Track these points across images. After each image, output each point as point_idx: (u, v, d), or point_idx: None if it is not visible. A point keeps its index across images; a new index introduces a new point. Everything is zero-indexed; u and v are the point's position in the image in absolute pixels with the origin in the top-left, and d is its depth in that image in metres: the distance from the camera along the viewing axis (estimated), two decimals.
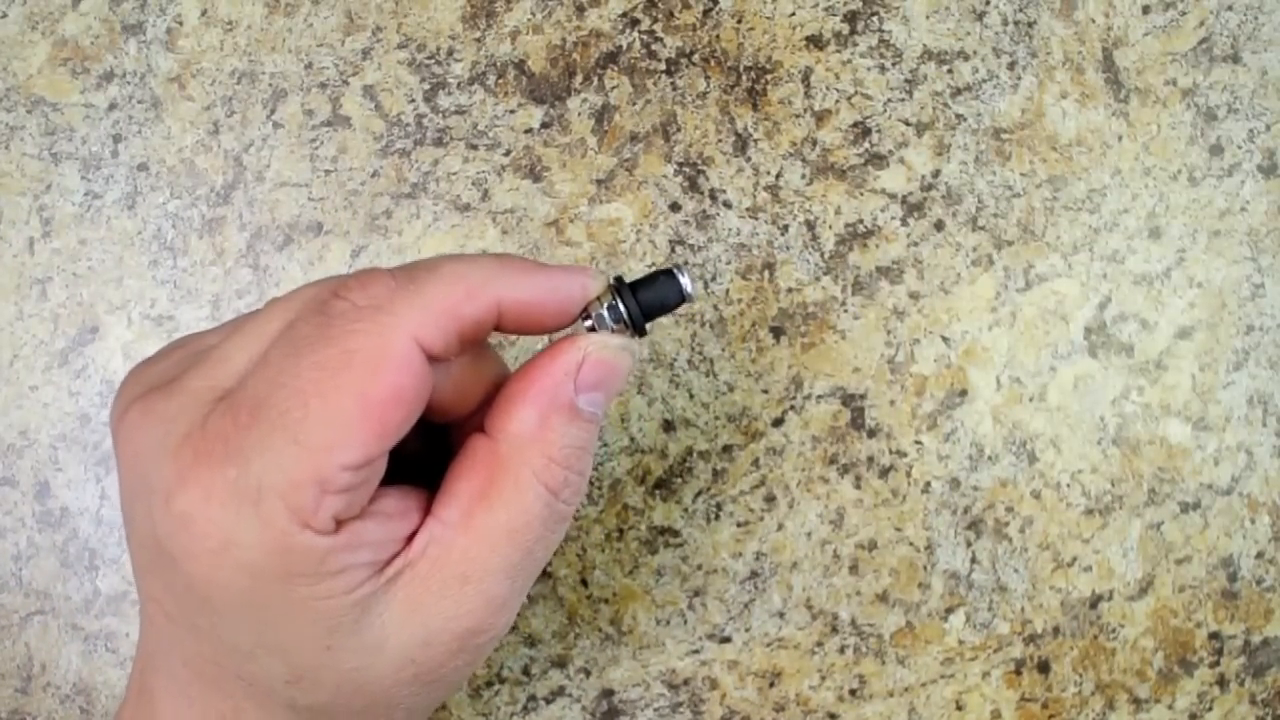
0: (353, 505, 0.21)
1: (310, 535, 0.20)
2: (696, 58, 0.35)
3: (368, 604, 0.21)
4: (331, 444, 0.20)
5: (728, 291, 0.34)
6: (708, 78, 0.35)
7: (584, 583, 0.34)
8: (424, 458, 0.25)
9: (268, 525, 0.20)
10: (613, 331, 0.24)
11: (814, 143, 0.34)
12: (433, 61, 0.35)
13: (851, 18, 0.35)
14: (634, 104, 0.35)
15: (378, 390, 0.20)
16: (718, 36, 0.35)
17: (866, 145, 0.34)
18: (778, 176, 0.34)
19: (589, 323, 0.24)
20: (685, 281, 0.24)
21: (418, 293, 0.21)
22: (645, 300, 0.24)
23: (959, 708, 0.34)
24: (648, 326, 0.25)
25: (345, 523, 0.21)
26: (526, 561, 0.22)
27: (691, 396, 0.34)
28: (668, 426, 0.34)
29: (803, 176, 0.34)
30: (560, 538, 0.23)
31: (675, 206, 0.34)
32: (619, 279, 0.24)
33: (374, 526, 0.21)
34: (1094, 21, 0.35)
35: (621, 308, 0.24)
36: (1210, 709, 0.33)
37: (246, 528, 0.20)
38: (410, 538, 0.22)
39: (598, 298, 0.24)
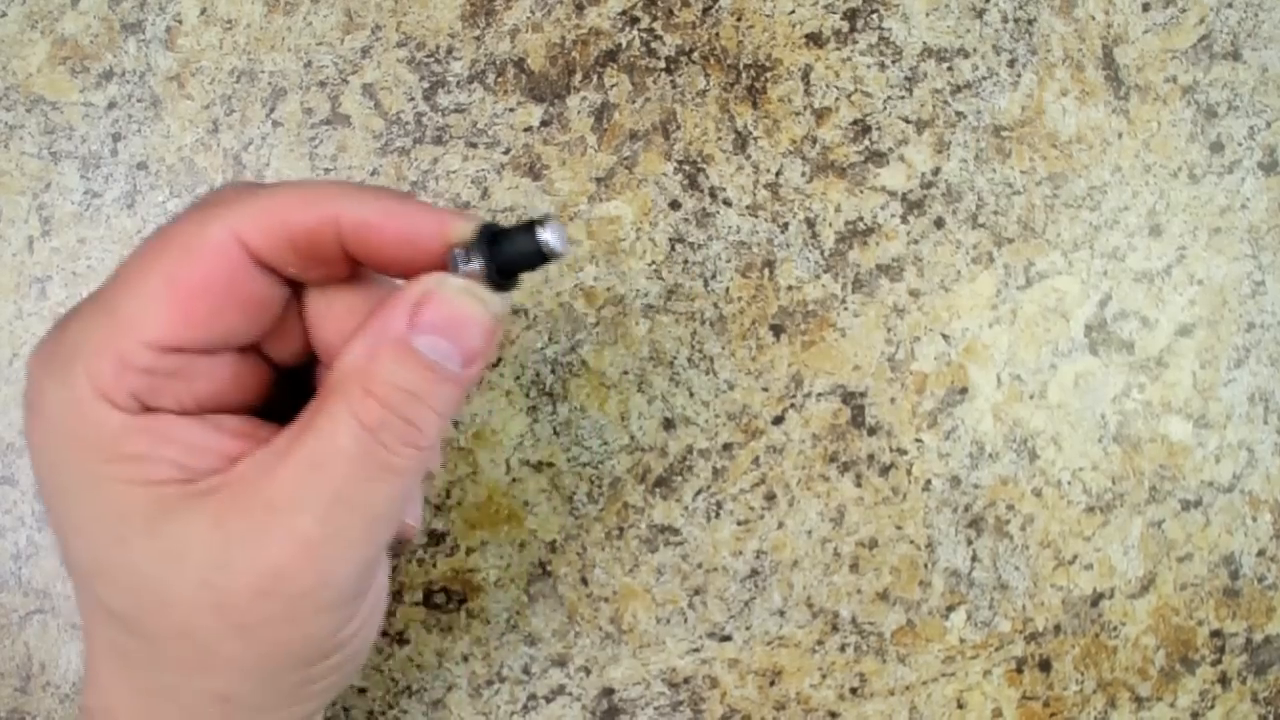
0: (159, 391, 0.21)
1: (105, 407, 0.20)
2: (696, 55, 0.35)
3: (168, 506, 0.20)
4: (132, 318, 0.20)
5: (728, 289, 0.34)
6: (707, 75, 0.35)
7: (584, 581, 0.34)
8: None
9: (67, 387, 0.20)
10: (469, 277, 0.22)
11: (814, 140, 0.34)
12: (432, 60, 0.35)
13: (851, 15, 0.35)
14: (634, 102, 0.35)
15: (183, 273, 0.20)
16: (717, 34, 0.35)
17: (866, 143, 0.34)
18: (778, 174, 0.34)
19: (453, 268, 0.22)
20: (549, 236, 0.22)
21: (251, 194, 0.21)
22: (502, 253, 0.22)
23: (960, 706, 0.34)
24: (520, 282, 0.23)
25: (154, 411, 0.21)
26: (338, 504, 0.20)
27: (691, 394, 0.34)
28: (668, 424, 0.34)
29: (803, 174, 0.34)
30: (391, 493, 0.21)
31: (675, 204, 0.34)
32: (490, 226, 0.22)
33: (192, 428, 0.21)
34: (1094, 19, 0.35)
35: (480, 255, 0.22)
36: (1212, 707, 0.33)
37: (53, 385, 0.20)
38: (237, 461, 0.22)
39: (462, 243, 0.22)
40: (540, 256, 0.22)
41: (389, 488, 0.21)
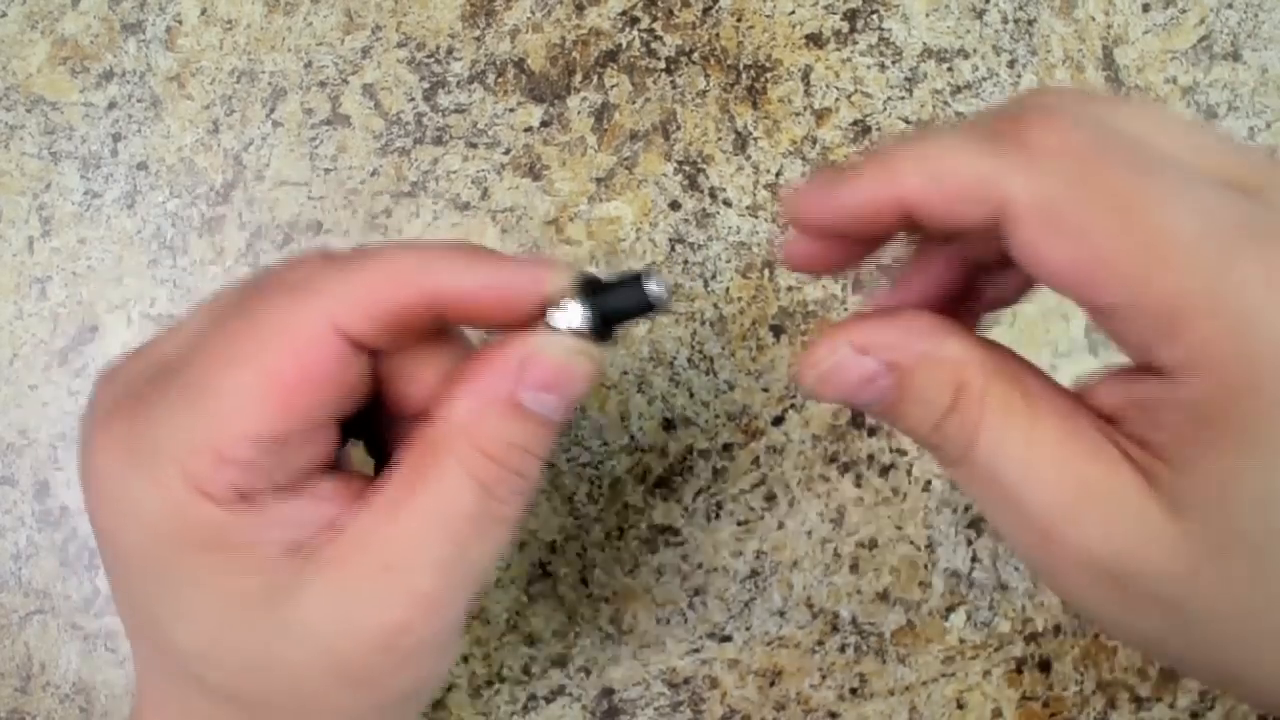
0: (258, 480, 0.20)
1: (207, 505, 0.20)
2: (696, 56, 0.35)
3: (282, 584, 0.20)
4: (229, 413, 0.20)
5: (728, 290, 0.34)
6: (707, 76, 0.35)
7: (584, 581, 0.34)
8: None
9: (163, 487, 0.20)
10: (573, 333, 0.22)
11: (814, 141, 0.34)
12: (432, 60, 0.35)
13: (851, 16, 0.35)
14: (634, 102, 0.35)
15: (281, 365, 0.20)
16: (717, 35, 0.35)
17: (867, 144, 0.34)
18: (778, 175, 0.34)
19: (553, 321, 0.22)
20: (654, 288, 0.22)
21: (342, 274, 0.21)
22: (608, 306, 0.22)
23: (960, 706, 0.34)
24: (617, 331, 0.23)
25: (257, 497, 0.20)
26: (458, 559, 0.21)
27: (692, 395, 0.34)
28: (668, 425, 0.34)
29: (803, 174, 0.34)
30: (501, 541, 0.22)
31: (675, 205, 0.34)
32: (587, 276, 0.22)
33: (299, 506, 0.21)
34: (1094, 19, 0.35)
35: (584, 307, 0.22)
36: (1212, 708, 0.33)
37: (143, 487, 0.20)
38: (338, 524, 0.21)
39: (561, 295, 0.22)
40: (647, 308, 0.22)
41: (501, 536, 0.22)
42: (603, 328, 0.22)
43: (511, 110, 0.35)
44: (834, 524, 0.34)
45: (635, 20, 0.35)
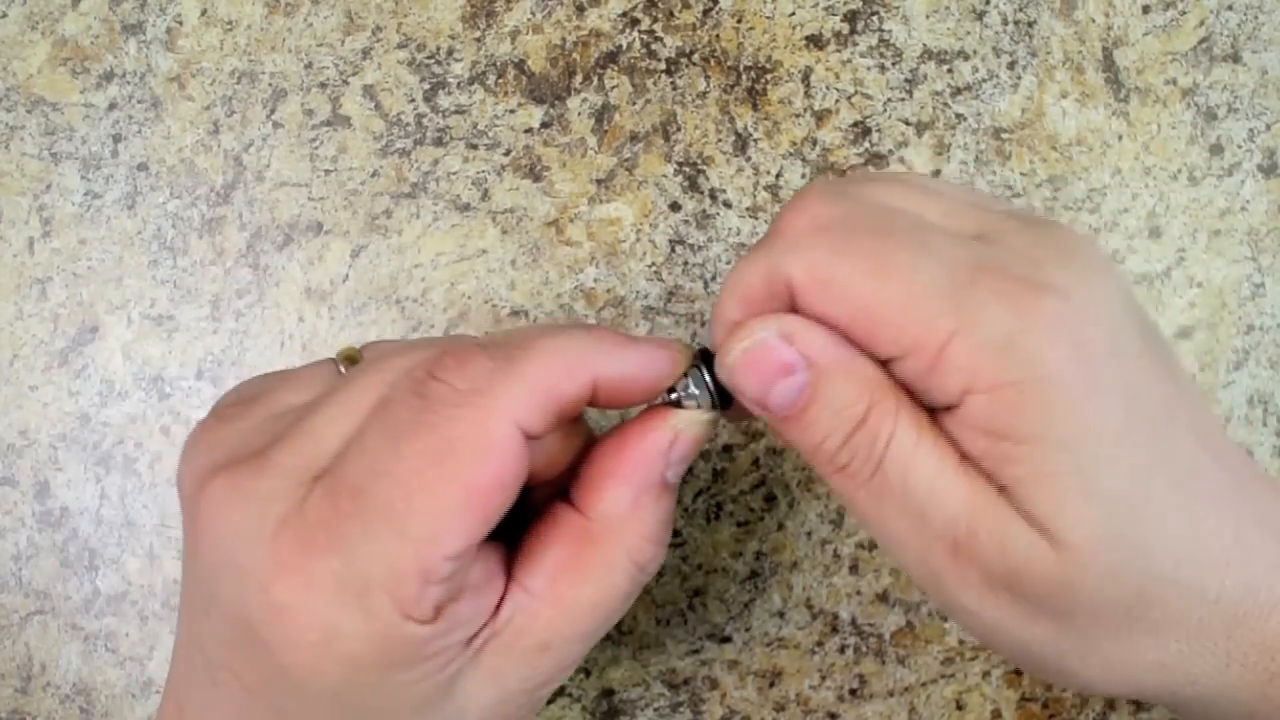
0: (452, 591, 0.21)
1: (413, 626, 0.20)
2: (696, 57, 0.35)
3: (455, 678, 0.21)
4: (435, 535, 0.20)
5: None
6: (708, 77, 0.35)
7: None
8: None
9: (372, 618, 0.20)
10: (698, 405, 0.23)
11: (814, 142, 0.34)
12: (433, 61, 0.35)
13: (851, 17, 0.35)
14: (634, 103, 0.35)
15: (482, 479, 0.20)
16: (718, 36, 0.35)
17: (867, 145, 0.34)
18: (778, 176, 0.34)
19: (674, 395, 0.23)
20: None
21: (516, 374, 0.21)
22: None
23: (959, 707, 0.34)
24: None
25: (443, 607, 0.21)
26: (603, 629, 0.23)
27: None
28: None
29: (803, 176, 0.34)
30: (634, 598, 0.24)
31: (675, 206, 0.34)
32: (704, 350, 0.24)
33: (467, 604, 0.21)
34: (1094, 21, 0.35)
35: (708, 379, 0.23)
36: None
37: (350, 620, 0.20)
38: (497, 605, 0.22)
39: (684, 370, 0.23)
40: None
41: (636, 595, 0.24)
42: (730, 395, 0.23)
43: (512, 111, 0.35)
44: (834, 525, 0.34)
45: (636, 21, 0.35)
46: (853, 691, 0.34)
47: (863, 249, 0.20)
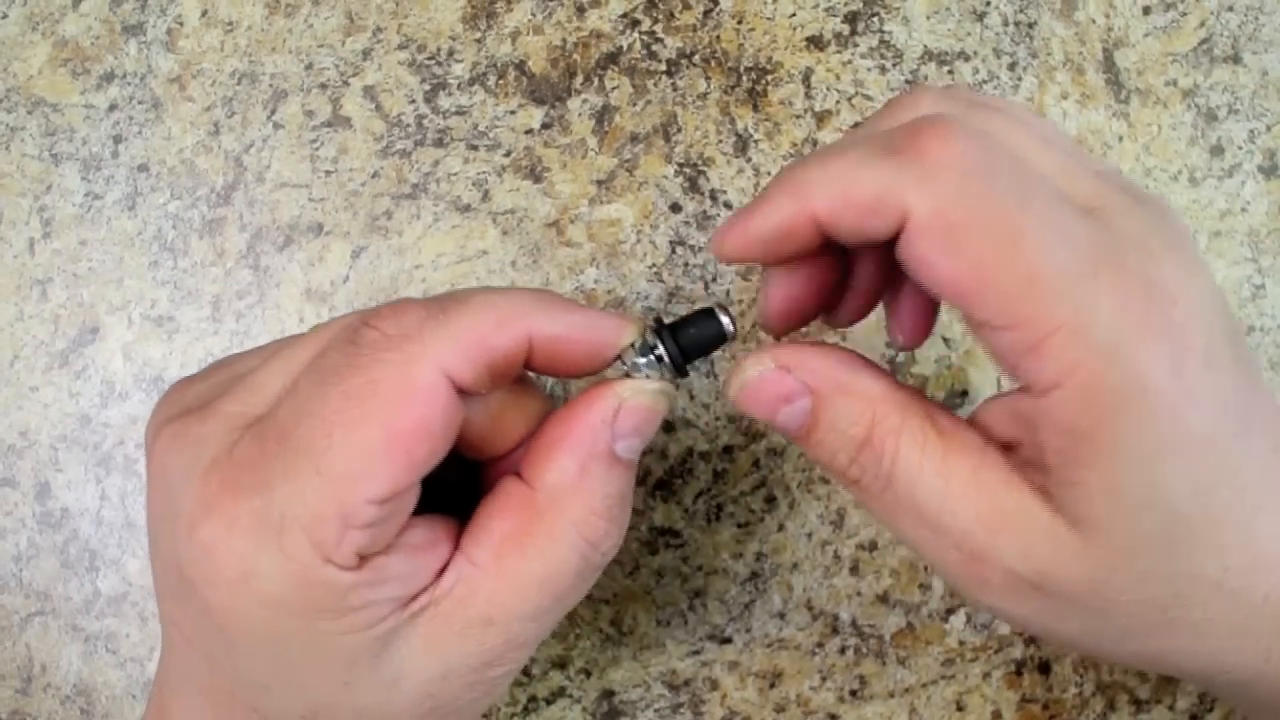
0: (377, 540, 0.20)
1: (332, 570, 0.20)
2: (697, 58, 0.35)
3: (388, 639, 0.21)
4: (355, 476, 0.19)
5: (728, 293, 0.34)
6: (708, 78, 0.35)
7: None
8: (456, 487, 0.24)
9: (289, 558, 0.19)
10: (648, 376, 0.23)
11: (815, 143, 0.34)
12: (433, 62, 0.35)
13: (852, 18, 0.35)
14: (634, 105, 0.35)
15: (403, 422, 0.20)
16: (718, 37, 0.35)
17: None
18: None
19: (625, 367, 0.23)
20: (726, 321, 0.24)
21: (447, 322, 0.21)
22: (685, 341, 0.24)
23: (960, 708, 0.34)
24: (689, 367, 0.24)
25: (369, 557, 0.20)
26: (555, 608, 0.22)
27: (692, 397, 0.34)
28: (668, 427, 0.34)
29: None
30: (591, 584, 0.23)
31: (676, 207, 0.34)
32: (658, 320, 0.24)
33: (400, 560, 0.21)
34: (1094, 22, 0.35)
35: (661, 350, 0.23)
36: (1210, 710, 0.33)
37: (268, 560, 0.19)
38: (439, 572, 0.22)
39: (633, 343, 0.23)
40: (721, 340, 0.24)
41: (594, 578, 0.23)
42: (682, 364, 0.23)
43: (512, 112, 0.35)
44: (834, 526, 0.34)
45: (636, 23, 0.35)
46: (853, 692, 0.34)
47: (1002, 213, 0.19)
